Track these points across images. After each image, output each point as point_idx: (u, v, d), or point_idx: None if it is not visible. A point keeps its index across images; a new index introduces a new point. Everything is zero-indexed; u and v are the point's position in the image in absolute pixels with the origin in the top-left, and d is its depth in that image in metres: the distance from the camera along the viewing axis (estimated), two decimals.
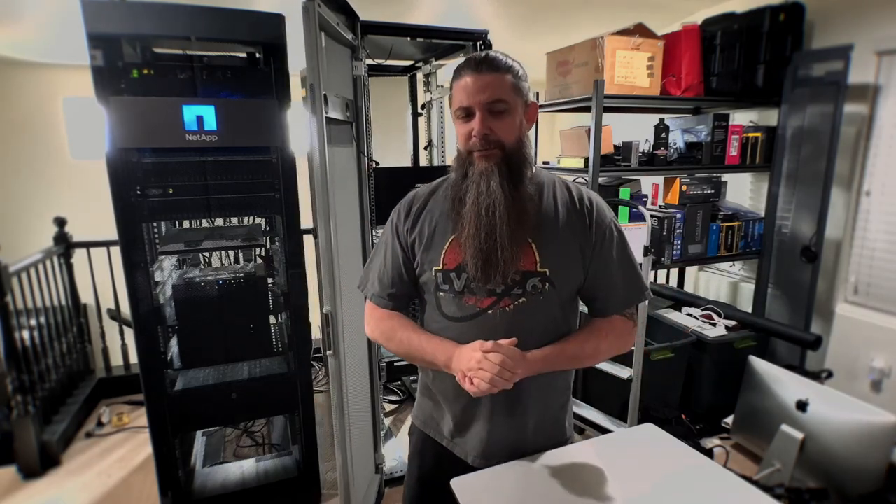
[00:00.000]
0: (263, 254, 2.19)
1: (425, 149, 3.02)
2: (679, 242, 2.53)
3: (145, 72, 1.64)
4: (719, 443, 2.43)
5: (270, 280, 2.06)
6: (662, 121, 2.44)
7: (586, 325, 1.06)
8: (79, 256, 2.93)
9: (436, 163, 2.90)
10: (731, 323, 2.56)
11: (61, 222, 2.83)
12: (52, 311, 2.66)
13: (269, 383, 1.96)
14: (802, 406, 1.98)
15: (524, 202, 0.97)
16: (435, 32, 2.09)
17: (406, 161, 3.16)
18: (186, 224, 2.23)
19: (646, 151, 2.49)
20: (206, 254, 2.25)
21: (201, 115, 1.68)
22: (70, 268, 2.91)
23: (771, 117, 2.71)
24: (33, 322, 2.47)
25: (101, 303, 2.97)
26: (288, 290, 1.92)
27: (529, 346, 0.97)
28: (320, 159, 1.39)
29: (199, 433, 2.41)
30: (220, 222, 2.19)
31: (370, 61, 2.17)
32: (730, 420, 2.41)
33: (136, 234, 1.71)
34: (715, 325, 2.56)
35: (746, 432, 2.32)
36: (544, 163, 2.84)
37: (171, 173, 1.72)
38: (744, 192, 3.05)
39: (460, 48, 2.24)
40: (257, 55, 1.91)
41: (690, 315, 2.68)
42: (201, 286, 1.87)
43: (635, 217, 2.32)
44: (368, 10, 1.85)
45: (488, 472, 1.03)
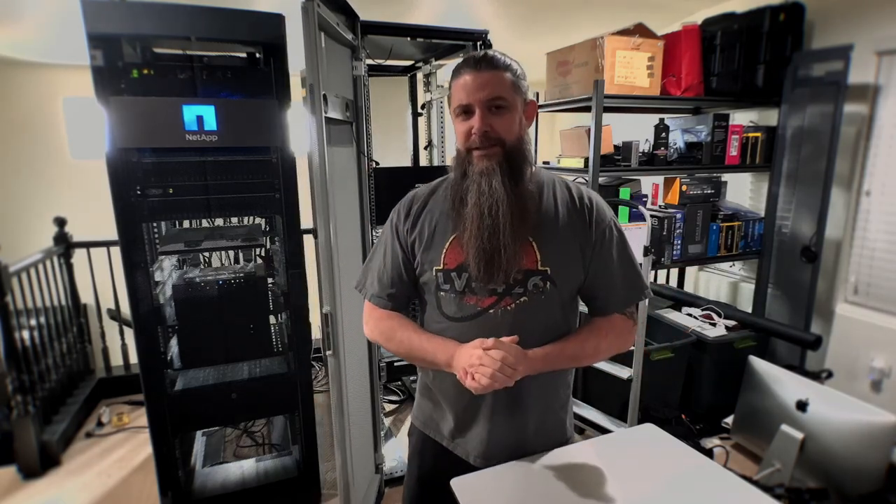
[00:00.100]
0: (263, 254, 2.19)
1: (425, 149, 3.02)
2: (679, 242, 2.53)
3: (145, 72, 1.64)
4: (719, 443, 2.43)
5: (270, 280, 2.06)
6: (662, 121, 2.44)
7: (586, 324, 1.06)
8: (79, 256, 2.93)
9: (436, 163, 2.90)
10: (731, 323, 2.56)
11: (61, 222, 2.83)
12: (52, 311, 2.66)
13: (269, 383, 1.96)
14: (802, 406, 1.98)
15: (525, 200, 0.96)
16: (435, 32, 2.09)
17: (406, 161, 3.16)
18: (186, 224, 2.23)
19: (646, 151, 2.48)
20: (206, 254, 2.25)
21: (201, 115, 1.68)
22: (70, 268, 2.92)
23: (771, 117, 2.71)
24: (33, 322, 2.47)
25: (101, 303, 2.97)
26: (288, 290, 1.92)
27: (530, 345, 0.97)
28: (320, 159, 1.39)
29: (199, 433, 2.41)
30: (220, 222, 2.19)
31: (370, 61, 2.17)
32: (730, 420, 2.41)
33: (136, 234, 1.72)
34: (715, 325, 2.56)
35: (746, 432, 2.32)
36: (544, 163, 2.85)
37: (171, 173, 1.72)
38: (744, 192, 3.05)
39: (460, 48, 2.24)
40: (257, 55, 1.91)
41: (690, 315, 2.68)
42: (201, 286, 1.87)
43: (635, 217, 2.32)
44: (368, 10, 1.85)
45: (488, 472, 1.03)
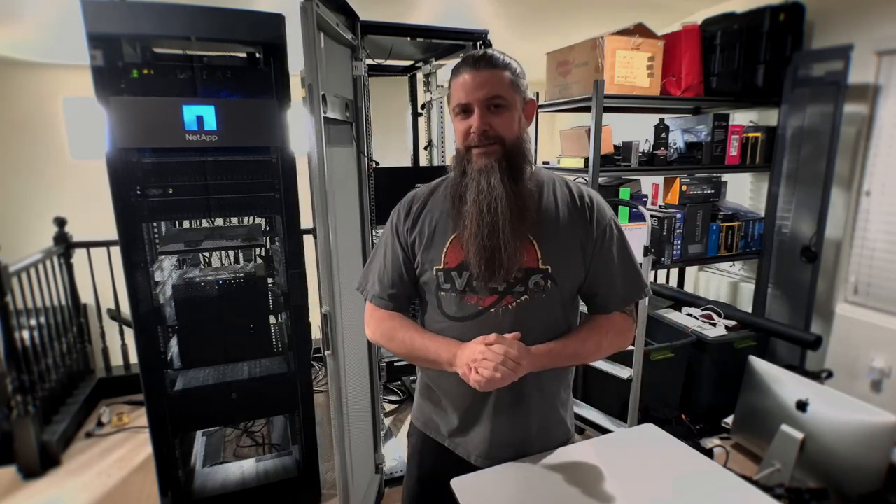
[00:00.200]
0: (263, 254, 2.19)
1: (425, 149, 3.02)
2: (679, 242, 2.53)
3: (145, 72, 1.64)
4: (719, 443, 2.43)
5: (270, 280, 2.06)
6: (662, 121, 2.44)
7: (587, 322, 1.06)
8: (79, 256, 2.93)
9: (436, 163, 2.90)
10: (731, 323, 2.56)
11: (61, 222, 2.83)
12: (52, 311, 2.66)
13: (269, 383, 1.96)
14: (802, 406, 1.98)
15: (525, 198, 0.96)
16: (435, 32, 2.09)
17: (406, 161, 3.16)
18: (186, 224, 2.23)
19: (646, 151, 2.48)
20: (206, 254, 2.25)
21: (201, 115, 1.68)
22: (70, 268, 2.91)
23: (771, 117, 2.71)
24: (33, 322, 2.47)
25: (101, 303, 2.97)
26: (288, 290, 1.92)
27: (531, 344, 0.97)
28: (319, 159, 1.39)
29: (199, 433, 2.41)
30: (220, 222, 2.19)
31: (370, 61, 2.17)
32: (730, 420, 2.41)
33: (136, 234, 1.72)
34: (715, 325, 2.56)
35: (746, 432, 2.32)
36: (544, 163, 2.84)
37: (171, 173, 1.72)
38: (744, 192, 3.05)
39: (460, 48, 2.24)
40: (257, 55, 1.91)
41: (690, 315, 2.68)
42: (201, 286, 1.87)
43: (635, 217, 2.32)
44: (368, 10, 1.85)
45: (488, 472, 1.03)
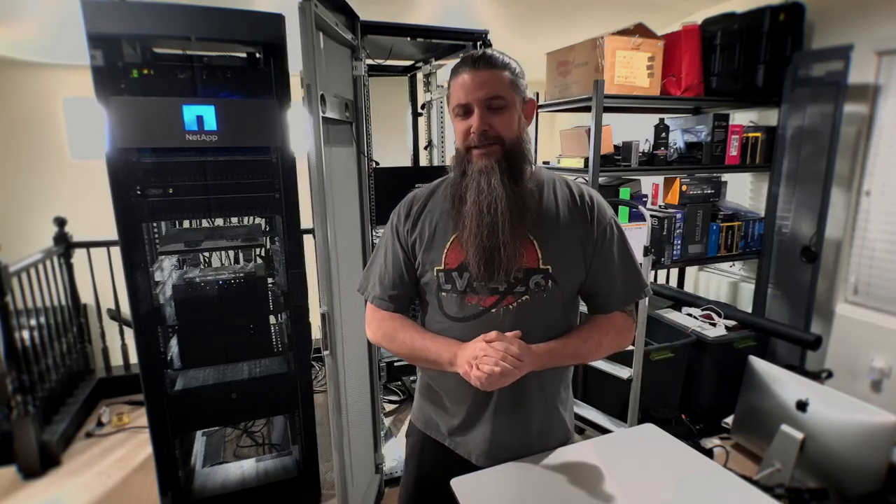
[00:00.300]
0: (263, 254, 2.19)
1: (425, 149, 3.02)
2: (679, 242, 2.53)
3: (145, 72, 1.64)
4: (719, 443, 2.43)
5: (270, 280, 2.06)
6: (662, 121, 2.44)
7: (588, 322, 1.07)
8: (79, 256, 2.93)
9: (436, 163, 2.90)
10: (731, 323, 2.56)
11: (61, 222, 2.83)
12: (52, 311, 2.66)
13: (269, 383, 1.96)
14: (802, 406, 1.98)
15: (525, 198, 0.96)
16: (435, 32, 2.09)
17: (406, 161, 3.16)
18: (186, 224, 2.23)
19: (646, 151, 2.48)
20: (206, 254, 2.25)
21: (201, 115, 1.68)
22: (70, 268, 2.91)
23: (771, 117, 2.71)
24: (33, 322, 2.47)
25: (101, 303, 2.97)
26: (288, 290, 1.92)
27: (532, 343, 0.97)
28: (317, 159, 1.39)
29: (199, 433, 2.41)
30: (220, 222, 2.19)
31: (370, 61, 2.17)
32: (730, 420, 2.41)
33: (136, 234, 1.72)
34: (715, 325, 2.56)
35: (746, 432, 2.32)
36: (544, 163, 2.84)
37: (171, 173, 1.72)
38: (744, 192, 3.05)
39: (460, 48, 2.24)
40: (257, 55, 1.91)
41: (690, 315, 2.68)
42: (201, 286, 1.87)
43: (635, 217, 2.32)
44: (368, 10, 1.85)
45: (488, 472, 1.03)
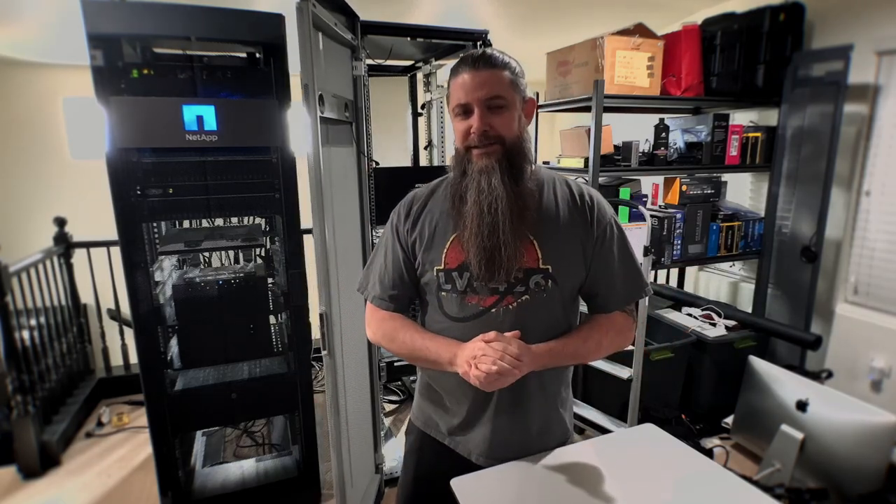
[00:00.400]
0: (263, 254, 2.19)
1: (425, 149, 3.02)
2: (679, 242, 2.53)
3: (145, 72, 1.64)
4: (719, 443, 2.43)
5: (270, 280, 2.06)
6: (662, 121, 2.44)
7: (588, 321, 1.07)
8: (79, 256, 2.93)
9: (436, 163, 2.90)
10: (731, 323, 2.56)
11: (61, 222, 2.83)
12: (52, 311, 2.66)
13: (269, 383, 1.96)
14: (802, 406, 1.98)
15: (525, 198, 0.96)
16: (435, 32, 2.09)
17: (406, 161, 3.16)
18: (186, 224, 2.23)
19: (646, 151, 2.48)
20: (206, 254, 2.25)
21: (201, 115, 1.68)
22: (70, 268, 2.91)
23: (771, 117, 2.71)
24: (33, 322, 2.47)
25: (101, 303, 2.97)
26: (288, 290, 1.92)
27: (532, 343, 0.97)
28: (314, 159, 1.39)
29: (199, 433, 2.41)
30: (220, 222, 2.19)
31: (370, 61, 2.17)
32: (730, 420, 2.40)
33: (136, 234, 1.72)
34: (715, 325, 2.56)
35: (746, 432, 2.32)
36: (544, 162, 2.84)
37: (171, 173, 1.72)
38: (744, 192, 3.05)
39: (460, 48, 2.24)
40: (257, 55, 1.91)
41: (690, 315, 2.68)
42: (201, 286, 1.87)
43: (635, 217, 2.32)
44: (368, 10, 1.85)
45: (488, 472, 1.03)
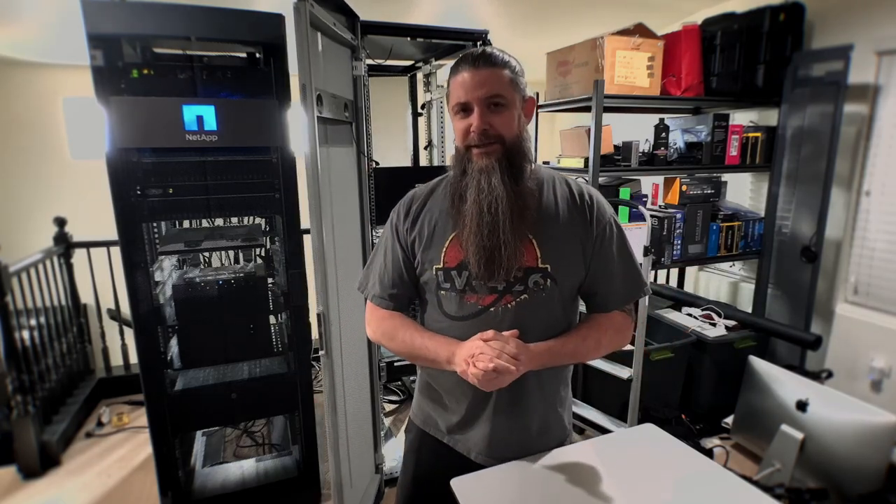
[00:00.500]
0: (263, 254, 2.19)
1: (425, 149, 3.02)
2: (679, 242, 2.53)
3: (145, 72, 1.64)
4: (719, 443, 2.43)
5: (270, 280, 2.06)
6: (662, 121, 2.44)
7: (586, 321, 1.07)
8: (79, 256, 2.93)
9: (436, 163, 2.90)
10: (731, 323, 2.56)
11: (61, 222, 2.83)
12: (52, 311, 2.66)
13: (269, 383, 1.96)
14: (802, 406, 1.98)
15: (525, 197, 0.96)
16: (435, 32, 2.09)
17: (406, 161, 3.16)
18: (186, 224, 2.23)
19: (646, 151, 2.48)
20: (206, 254, 2.24)
21: (201, 115, 1.68)
22: (70, 268, 2.91)
23: (771, 117, 2.71)
24: (33, 322, 2.47)
25: (101, 303, 2.97)
26: (288, 290, 1.92)
27: (531, 342, 0.97)
28: (312, 159, 1.39)
29: (199, 433, 2.41)
30: (220, 222, 2.19)
31: (370, 61, 2.17)
32: (730, 420, 2.41)
33: (136, 234, 1.71)
34: (715, 325, 2.56)
35: (746, 432, 2.32)
36: (544, 162, 2.84)
37: (171, 173, 1.72)
38: (744, 192, 3.05)
39: (460, 48, 2.24)
40: (257, 55, 1.91)
41: (690, 315, 2.68)
42: (201, 286, 1.86)
43: (635, 217, 2.32)
44: (368, 10, 1.85)
45: (488, 472, 1.03)
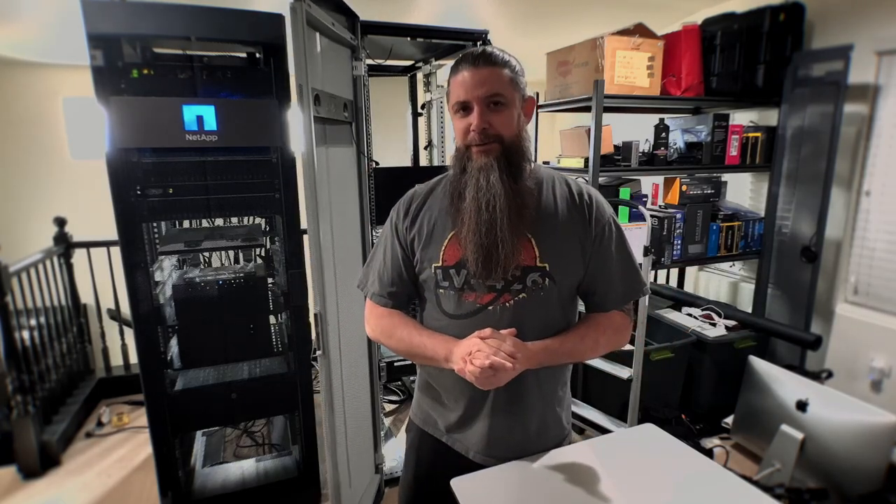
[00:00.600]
0: (263, 254, 2.19)
1: (425, 149, 3.02)
2: (679, 242, 2.53)
3: (145, 72, 1.64)
4: (719, 443, 2.43)
5: (270, 280, 2.06)
6: (662, 121, 2.44)
7: (585, 320, 1.07)
8: (79, 256, 2.93)
9: (436, 163, 2.90)
10: (731, 323, 2.56)
11: (61, 222, 2.83)
12: (52, 311, 2.66)
13: (269, 383, 1.96)
14: (802, 406, 1.98)
15: (523, 196, 0.97)
16: (435, 32, 2.09)
17: (406, 161, 3.16)
18: (186, 224, 2.23)
19: (646, 151, 2.48)
20: (206, 254, 2.25)
21: (201, 115, 1.68)
22: (70, 268, 2.91)
23: (771, 117, 2.71)
24: (33, 322, 2.47)
25: (101, 303, 2.97)
26: (288, 290, 1.92)
27: (529, 341, 0.97)
28: (308, 159, 1.39)
29: (199, 433, 2.41)
30: (220, 222, 2.19)
31: (370, 61, 2.17)
32: (730, 420, 2.40)
33: (136, 234, 1.71)
34: (715, 325, 2.56)
35: (746, 432, 2.32)
36: (544, 162, 2.84)
37: (171, 173, 1.72)
38: (744, 192, 3.05)
39: (460, 48, 2.24)
40: (257, 55, 1.91)
41: (690, 315, 2.68)
42: (201, 286, 1.87)
43: (635, 217, 2.32)
44: (368, 10, 1.85)
45: (488, 472, 1.03)
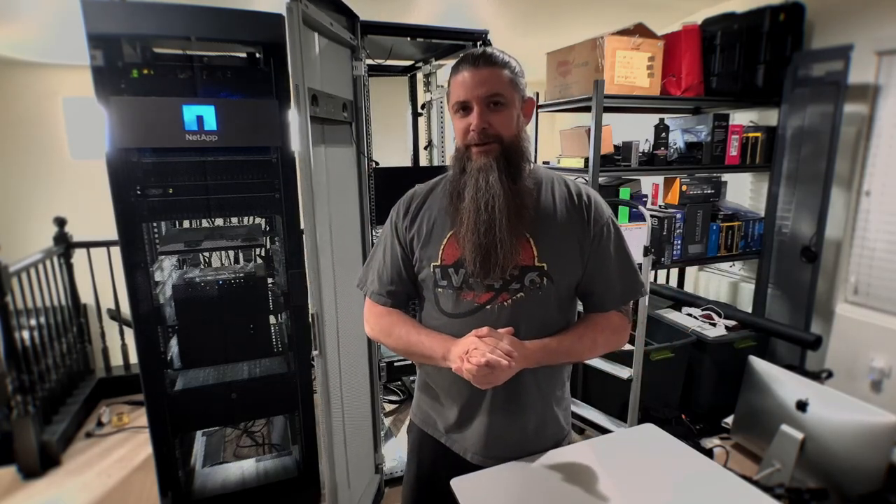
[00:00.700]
0: (263, 254, 2.19)
1: (425, 149, 3.02)
2: (679, 242, 2.53)
3: (145, 72, 1.64)
4: (719, 443, 2.43)
5: (270, 280, 2.06)
6: (662, 121, 2.44)
7: (583, 320, 1.07)
8: (79, 256, 2.93)
9: (436, 163, 2.90)
10: (731, 323, 2.56)
11: (61, 222, 2.83)
12: (52, 311, 2.66)
13: (269, 383, 1.96)
14: (802, 406, 1.98)
15: (522, 196, 0.97)
16: (435, 32, 2.09)
17: (406, 161, 3.16)
18: (186, 224, 2.23)
19: (646, 151, 2.48)
20: (206, 254, 2.25)
21: (201, 115, 1.68)
22: (70, 268, 2.91)
23: (771, 117, 2.71)
24: (33, 322, 2.47)
25: (101, 303, 2.97)
26: (288, 290, 1.92)
27: (527, 341, 0.97)
28: (304, 159, 1.39)
29: (199, 433, 2.41)
30: (220, 222, 2.19)
31: (370, 61, 2.17)
32: (730, 420, 2.41)
33: (136, 234, 1.72)
34: (715, 325, 2.56)
35: (746, 432, 2.32)
36: (544, 162, 2.84)
37: (171, 173, 1.72)
38: (744, 192, 3.05)
39: (460, 48, 2.24)
40: (257, 55, 1.90)
41: (690, 315, 2.68)
42: (201, 286, 1.87)
43: (635, 217, 2.32)
44: (368, 10, 1.85)
45: (488, 472, 1.03)
